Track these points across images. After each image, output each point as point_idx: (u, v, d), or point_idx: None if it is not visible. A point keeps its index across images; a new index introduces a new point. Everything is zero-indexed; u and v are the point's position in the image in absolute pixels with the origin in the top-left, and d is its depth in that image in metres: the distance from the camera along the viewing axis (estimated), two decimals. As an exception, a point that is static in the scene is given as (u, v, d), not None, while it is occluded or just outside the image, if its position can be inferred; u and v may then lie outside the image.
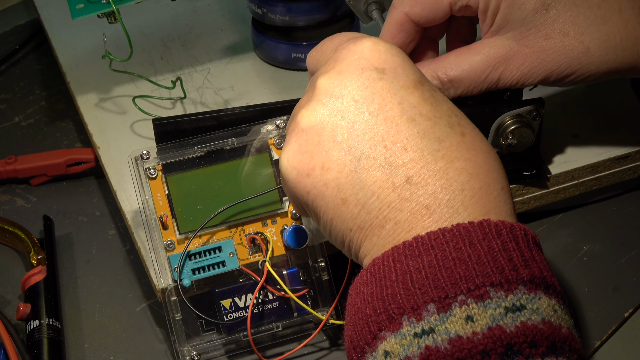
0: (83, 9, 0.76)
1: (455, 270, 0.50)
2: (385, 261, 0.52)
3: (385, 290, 0.51)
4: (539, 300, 0.50)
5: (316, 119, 0.56)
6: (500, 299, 0.49)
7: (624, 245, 0.76)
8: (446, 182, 0.53)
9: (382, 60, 0.56)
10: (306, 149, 0.56)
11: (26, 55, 1.00)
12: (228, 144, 0.67)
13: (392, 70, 0.56)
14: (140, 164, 0.66)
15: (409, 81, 0.56)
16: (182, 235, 0.66)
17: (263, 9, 0.84)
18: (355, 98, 0.55)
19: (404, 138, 0.54)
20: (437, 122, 0.54)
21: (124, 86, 0.86)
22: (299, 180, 0.56)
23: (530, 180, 0.74)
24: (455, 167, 0.53)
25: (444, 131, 0.54)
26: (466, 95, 0.68)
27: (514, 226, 0.52)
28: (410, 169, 0.53)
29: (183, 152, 0.66)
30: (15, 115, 0.92)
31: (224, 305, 0.67)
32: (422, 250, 0.51)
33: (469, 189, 0.53)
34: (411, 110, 0.54)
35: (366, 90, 0.55)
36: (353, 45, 0.57)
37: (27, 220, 0.81)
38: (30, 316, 0.71)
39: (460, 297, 0.49)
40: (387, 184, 0.53)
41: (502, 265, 0.50)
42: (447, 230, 0.51)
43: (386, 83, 0.55)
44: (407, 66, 0.56)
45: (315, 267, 0.68)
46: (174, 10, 0.96)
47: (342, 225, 0.55)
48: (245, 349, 0.68)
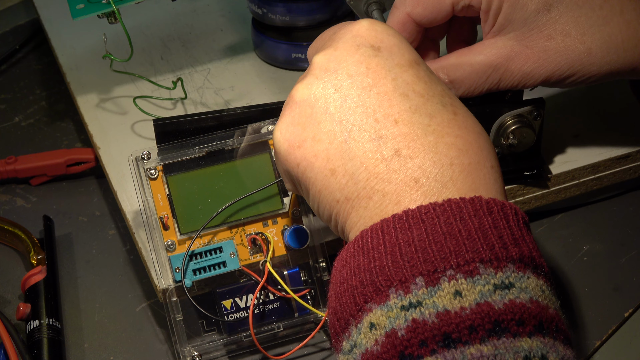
0: (83, 9, 0.76)
1: (445, 244, 0.50)
2: (374, 233, 0.52)
3: (372, 262, 0.51)
4: (528, 279, 0.50)
5: (310, 92, 0.56)
6: (490, 275, 0.49)
7: (624, 245, 0.76)
8: (435, 156, 0.53)
9: (379, 38, 0.57)
10: (298, 121, 0.56)
11: (26, 55, 1.00)
12: (229, 144, 0.67)
13: (388, 48, 0.57)
14: (141, 164, 0.66)
15: (404, 60, 0.56)
16: (183, 236, 0.66)
17: (263, 9, 0.84)
18: (350, 73, 0.56)
19: (395, 112, 0.54)
20: (429, 100, 0.55)
21: (124, 86, 0.86)
22: (290, 152, 0.57)
23: (531, 180, 0.74)
24: (445, 142, 0.53)
25: (436, 108, 0.55)
26: (467, 96, 0.69)
27: (505, 204, 0.52)
28: (400, 141, 0.53)
29: (184, 153, 0.66)
30: (15, 115, 0.92)
31: (225, 305, 0.67)
32: (412, 223, 0.51)
33: (457, 164, 0.53)
34: (404, 86, 0.55)
35: (361, 66, 0.56)
36: (350, 25, 0.58)
37: (27, 220, 0.80)
38: (30, 316, 0.71)
39: (450, 271, 0.49)
40: (376, 155, 0.53)
41: (493, 242, 0.50)
42: (438, 204, 0.51)
43: (381, 60, 0.56)
44: (403, 46, 0.57)
45: (316, 267, 0.68)
46: (173, 10, 0.96)
47: (330, 197, 0.55)
48: (246, 349, 0.68)
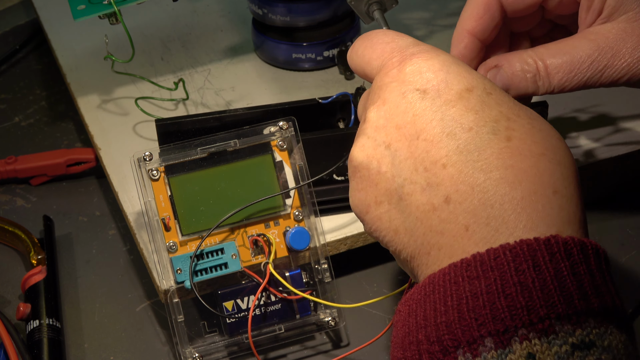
0: (85, 10, 0.76)
1: (516, 298, 0.45)
2: (442, 281, 0.47)
3: (439, 317, 0.46)
4: (610, 335, 0.45)
5: (364, 154, 0.54)
6: (567, 334, 0.44)
7: (624, 245, 0.76)
8: (484, 195, 0.48)
9: (424, 80, 0.53)
10: (361, 186, 0.54)
11: (26, 55, 1.00)
12: (231, 146, 0.67)
13: (435, 87, 0.52)
14: (143, 165, 0.66)
15: (453, 94, 0.52)
16: (185, 237, 0.66)
17: (263, 9, 0.84)
18: (398, 125, 0.52)
19: (443, 155, 0.50)
20: (479, 131, 0.50)
21: (125, 87, 0.86)
22: (363, 219, 0.54)
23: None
24: (493, 177, 0.48)
25: (486, 139, 0.50)
26: (562, 89, 0.61)
27: (584, 243, 0.47)
28: (449, 186, 0.49)
29: (186, 154, 0.66)
30: (15, 115, 0.92)
31: (227, 307, 0.67)
32: (480, 271, 0.46)
33: (508, 202, 0.48)
34: (452, 124, 0.51)
35: (407, 115, 0.52)
36: (397, 72, 0.54)
37: (27, 220, 0.80)
38: (30, 316, 0.70)
39: (521, 330, 0.44)
40: (427, 207, 0.50)
41: (571, 292, 0.45)
42: (510, 247, 0.46)
43: (427, 102, 0.52)
44: (452, 77, 0.52)
45: (317, 269, 0.69)
46: (173, 11, 0.96)
47: (402, 256, 0.52)
48: (248, 350, 0.68)
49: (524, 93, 0.61)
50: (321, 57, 0.86)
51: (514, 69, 0.61)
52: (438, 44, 0.89)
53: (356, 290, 0.73)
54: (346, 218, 0.73)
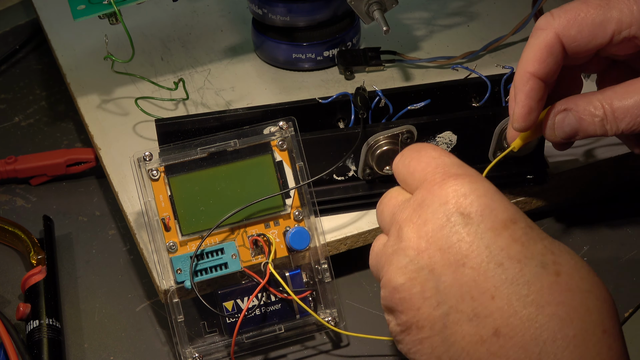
0: (84, 10, 0.76)
1: None
2: None
3: None
4: None
5: (406, 277, 0.53)
6: None
7: (624, 245, 0.76)
8: (535, 331, 0.48)
9: (468, 203, 0.52)
10: (402, 308, 0.53)
11: (26, 55, 1.00)
12: (231, 146, 0.67)
13: (479, 213, 0.52)
14: (143, 165, 0.66)
15: (498, 222, 0.52)
16: (185, 237, 0.66)
17: (263, 9, 0.84)
18: (442, 248, 0.52)
19: (491, 286, 0.50)
20: (527, 264, 0.50)
21: (125, 87, 0.86)
22: (403, 338, 0.54)
23: (533, 184, 0.74)
24: (545, 313, 0.48)
25: (535, 273, 0.50)
26: (631, 132, 0.60)
27: None
28: (498, 319, 0.49)
29: (185, 154, 0.66)
30: (15, 115, 0.92)
31: (226, 307, 0.67)
32: None
33: (561, 338, 0.48)
34: (499, 254, 0.50)
35: (452, 239, 0.52)
36: (438, 189, 0.54)
37: (27, 220, 0.80)
38: (30, 316, 0.70)
39: None
40: (475, 338, 0.49)
41: None
42: None
43: (472, 228, 0.52)
44: (496, 205, 0.52)
45: (317, 269, 0.69)
46: (173, 11, 0.96)
47: None
48: (248, 350, 0.68)
49: (592, 135, 0.61)
50: (321, 57, 0.86)
51: (583, 113, 0.60)
52: (438, 43, 0.90)
53: (356, 290, 0.73)
54: (346, 218, 0.73)
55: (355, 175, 0.73)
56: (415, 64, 0.86)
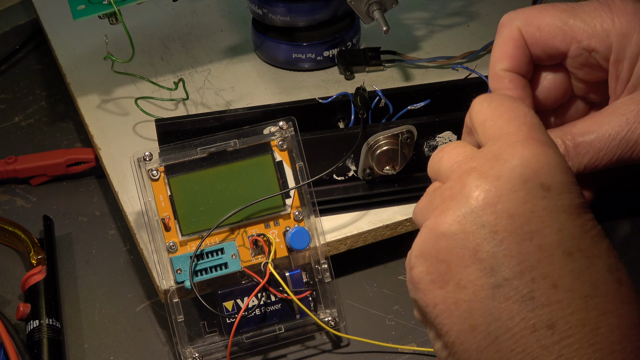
0: (84, 10, 0.76)
1: None
2: None
3: None
4: None
5: (461, 227, 0.48)
6: None
7: (624, 245, 0.76)
8: (595, 338, 0.45)
9: (550, 175, 0.48)
10: (444, 258, 0.48)
11: (26, 55, 1.00)
12: (230, 146, 0.67)
13: (559, 189, 0.48)
14: (143, 165, 0.66)
15: (574, 206, 0.48)
16: (185, 237, 0.66)
17: (263, 9, 0.84)
18: (511, 213, 0.47)
19: (556, 274, 0.46)
20: (595, 262, 0.47)
21: (125, 87, 0.86)
22: (430, 290, 0.49)
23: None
24: (608, 322, 0.46)
25: (601, 275, 0.47)
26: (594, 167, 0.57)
27: None
28: (556, 312, 0.46)
29: (185, 154, 0.66)
30: (15, 115, 0.92)
31: (226, 307, 0.67)
32: None
33: (619, 352, 0.45)
34: (570, 241, 0.47)
35: (525, 207, 0.47)
36: (521, 148, 0.49)
37: (27, 220, 0.80)
38: (30, 316, 0.70)
39: None
40: (526, 323, 0.46)
41: None
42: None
43: (549, 203, 0.47)
44: (575, 188, 0.49)
45: (317, 268, 0.68)
46: (173, 11, 0.96)
47: (465, 355, 0.48)
48: (247, 350, 0.68)
49: None
50: (321, 57, 0.86)
51: None
52: (438, 43, 0.90)
53: (356, 290, 0.73)
54: (346, 218, 0.73)
55: (355, 175, 0.73)
56: (415, 64, 0.86)
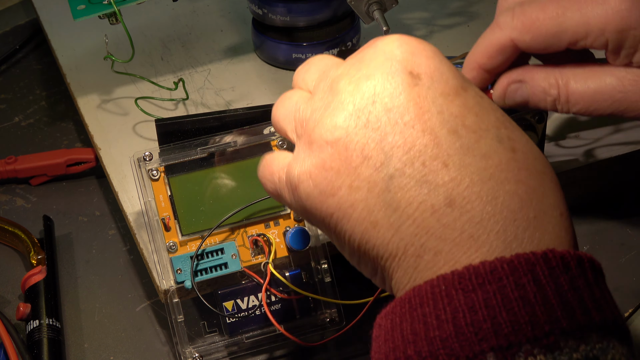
0: (84, 10, 0.76)
1: (518, 312, 0.42)
2: (430, 293, 0.44)
3: (432, 331, 0.43)
4: (613, 349, 0.42)
5: (343, 131, 0.49)
6: (572, 349, 0.42)
7: (624, 245, 0.76)
8: (495, 208, 0.45)
9: (417, 63, 0.49)
10: (331, 165, 0.49)
11: (26, 55, 1.00)
12: (231, 145, 0.67)
13: (429, 74, 0.49)
14: (143, 165, 0.66)
15: (449, 87, 0.48)
16: (185, 237, 0.66)
17: (263, 9, 0.84)
18: (388, 106, 0.48)
19: (444, 153, 0.46)
20: (483, 135, 0.47)
21: (125, 87, 0.86)
22: (322, 201, 0.49)
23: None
24: (505, 190, 0.46)
25: (492, 146, 0.47)
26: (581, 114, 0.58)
27: (581, 257, 0.44)
28: (452, 189, 0.46)
29: (185, 154, 0.66)
30: (15, 115, 0.92)
31: (226, 307, 0.67)
32: (476, 284, 0.43)
33: (522, 219, 0.45)
34: (453, 120, 0.47)
35: (400, 97, 0.48)
36: (381, 43, 0.50)
37: (27, 220, 0.81)
38: (30, 316, 0.71)
39: (525, 346, 0.42)
40: (424, 206, 0.46)
41: (573, 307, 0.43)
42: (506, 261, 0.43)
43: (422, 89, 0.48)
44: (446, 69, 0.49)
45: (317, 269, 0.68)
46: (173, 11, 0.96)
47: (373, 252, 0.48)
48: (247, 350, 0.68)
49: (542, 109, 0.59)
50: (321, 57, 0.86)
51: (537, 89, 0.58)
52: (438, 43, 0.89)
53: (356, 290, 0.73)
54: (346, 218, 0.73)
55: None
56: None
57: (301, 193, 0.50)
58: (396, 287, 0.47)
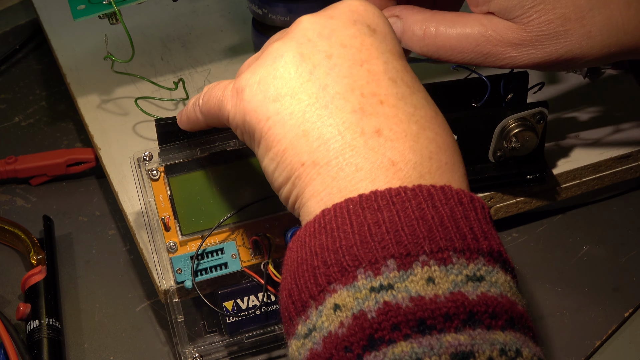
0: (84, 10, 0.76)
1: (418, 229, 0.48)
2: (339, 212, 0.50)
3: (338, 242, 0.49)
4: (497, 274, 0.49)
5: (298, 51, 0.55)
6: (462, 266, 0.48)
7: (624, 245, 0.76)
8: (416, 145, 0.52)
9: (375, 22, 0.56)
10: (280, 75, 0.54)
11: (26, 55, 1.00)
12: (230, 145, 0.67)
13: (383, 33, 0.56)
14: (143, 165, 0.66)
15: (395, 49, 0.56)
16: (185, 237, 0.66)
17: (263, 9, 0.84)
18: (344, 43, 0.54)
19: (382, 93, 0.53)
20: (415, 93, 0.54)
21: (125, 87, 0.86)
22: (263, 104, 0.54)
23: (533, 184, 0.74)
24: (426, 135, 0.52)
25: (421, 102, 0.54)
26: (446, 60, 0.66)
27: (473, 197, 0.51)
28: (383, 121, 0.52)
29: (185, 154, 0.66)
30: (15, 115, 0.92)
31: (226, 307, 0.67)
32: (381, 204, 0.49)
33: (436, 160, 0.52)
34: (394, 72, 0.54)
35: (355, 40, 0.55)
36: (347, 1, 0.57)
37: (27, 220, 0.80)
38: (30, 316, 0.71)
39: (423, 257, 0.47)
40: (355, 128, 0.52)
41: (465, 232, 0.49)
42: (409, 188, 0.50)
43: (375, 41, 0.55)
44: (394, 36, 0.56)
45: (317, 268, 0.68)
46: (173, 10, 0.96)
47: (295, 158, 0.53)
48: (248, 350, 0.68)
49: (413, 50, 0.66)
50: (321, 57, 0.86)
51: (406, 26, 0.65)
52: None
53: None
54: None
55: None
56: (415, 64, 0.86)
57: (245, 96, 0.55)
58: (308, 194, 0.52)
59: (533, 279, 0.74)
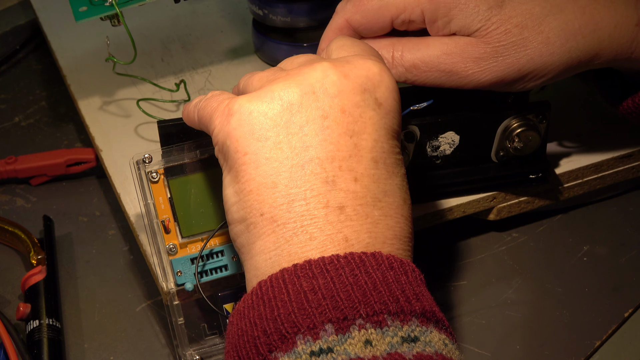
0: (86, 12, 0.75)
1: (353, 294, 0.50)
2: (275, 282, 0.51)
3: (276, 311, 0.50)
4: (431, 333, 0.50)
5: (299, 100, 0.55)
6: (397, 327, 0.49)
7: (624, 245, 0.76)
8: (374, 228, 0.53)
9: (384, 95, 0.56)
10: (272, 117, 0.54)
11: (26, 55, 1.00)
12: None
13: (387, 109, 0.56)
14: (142, 167, 0.66)
15: (393, 129, 0.56)
16: (185, 239, 0.66)
17: (264, 10, 0.84)
18: (344, 109, 0.55)
19: (360, 171, 0.54)
20: (392, 177, 0.55)
21: (125, 89, 0.86)
22: (246, 138, 0.54)
23: (536, 184, 0.74)
24: (386, 222, 0.54)
25: (393, 188, 0.55)
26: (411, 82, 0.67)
27: (403, 262, 0.53)
28: (349, 200, 0.53)
29: (185, 156, 0.66)
30: (15, 115, 0.92)
31: (227, 309, 0.67)
32: (316, 272, 0.50)
33: (389, 245, 0.54)
34: (380, 152, 0.55)
35: (357, 110, 0.55)
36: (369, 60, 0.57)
37: (27, 220, 0.81)
38: (30, 316, 0.71)
39: (359, 320, 0.49)
40: (322, 199, 0.53)
41: (397, 295, 0.50)
42: (342, 256, 0.51)
43: (376, 115, 0.55)
44: (397, 114, 0.57)
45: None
46: (173, 12, 0.96)
47: (256, 205, 0.54)
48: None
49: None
50: (321, 57, 0.86)
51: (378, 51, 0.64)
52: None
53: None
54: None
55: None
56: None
57: (233, 121, 0.55)
58: (258, 248, 0.54)
59: (533, 279, 0.74)
